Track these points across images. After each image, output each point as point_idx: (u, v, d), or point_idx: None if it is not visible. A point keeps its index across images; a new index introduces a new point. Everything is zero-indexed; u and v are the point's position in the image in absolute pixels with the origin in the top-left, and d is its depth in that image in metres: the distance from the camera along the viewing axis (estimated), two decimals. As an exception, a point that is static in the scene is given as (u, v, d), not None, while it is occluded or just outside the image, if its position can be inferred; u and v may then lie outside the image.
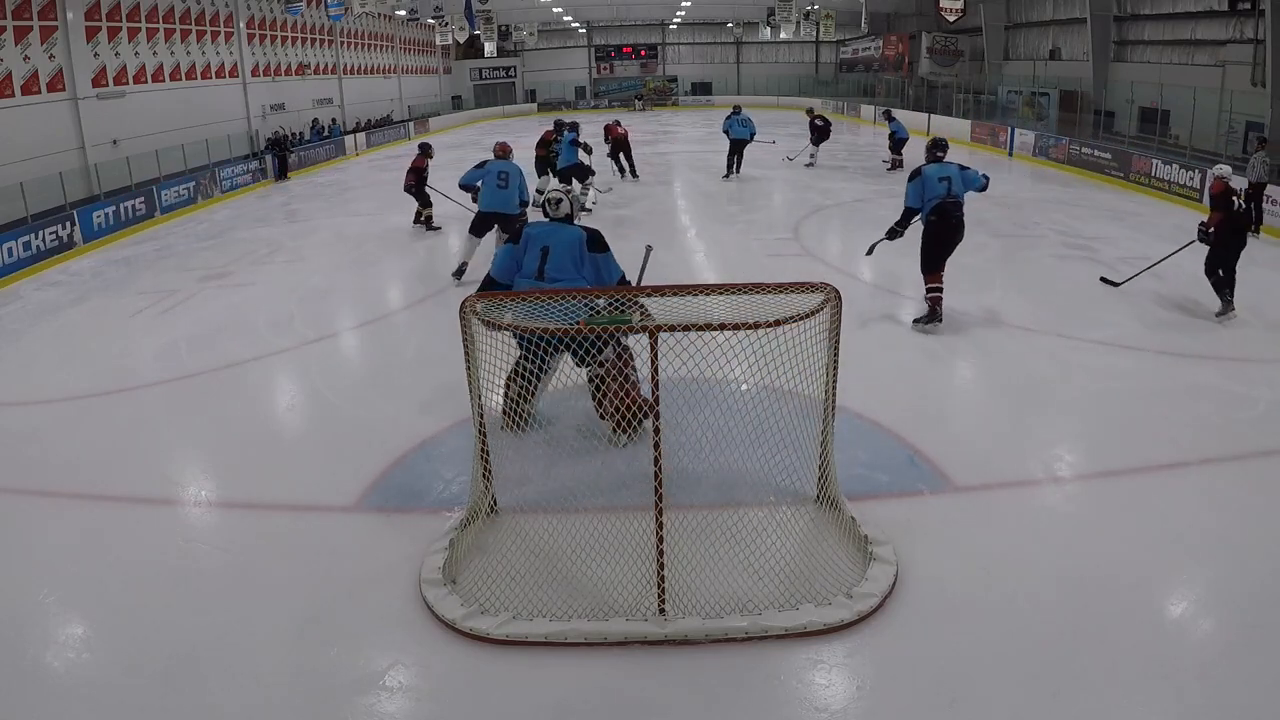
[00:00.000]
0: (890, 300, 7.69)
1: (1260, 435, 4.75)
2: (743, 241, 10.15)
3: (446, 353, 5.90)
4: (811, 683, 3.00)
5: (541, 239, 4.63)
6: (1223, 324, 6.67)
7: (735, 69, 40.66)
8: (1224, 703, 2.83)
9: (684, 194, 13.89)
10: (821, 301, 3.48)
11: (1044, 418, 5.11)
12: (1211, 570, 3.62)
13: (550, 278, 4.53)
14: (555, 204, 4.79)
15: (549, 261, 4.56)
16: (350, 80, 27.05)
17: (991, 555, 3.66)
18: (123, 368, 6.63)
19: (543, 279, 4.54)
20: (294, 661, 3.17)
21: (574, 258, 4.58)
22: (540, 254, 4.57)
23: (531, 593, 3.39)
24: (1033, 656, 3.06)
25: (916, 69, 28.69)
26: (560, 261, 4.55)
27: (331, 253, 10.61)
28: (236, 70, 20.43)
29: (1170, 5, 17.67)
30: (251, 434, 5.27)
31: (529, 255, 4.62)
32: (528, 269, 4.60)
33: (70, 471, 4.78)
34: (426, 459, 4.71)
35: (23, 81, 13.56)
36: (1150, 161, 13.20)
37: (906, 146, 15.58)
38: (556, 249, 4.57)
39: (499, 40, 35.79)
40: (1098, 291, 7.65)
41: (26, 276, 10.37)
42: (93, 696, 3.05)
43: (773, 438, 3.68)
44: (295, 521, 4.18)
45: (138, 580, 3.72)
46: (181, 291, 8.97)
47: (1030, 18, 23.77)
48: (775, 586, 3.36)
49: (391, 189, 15.03)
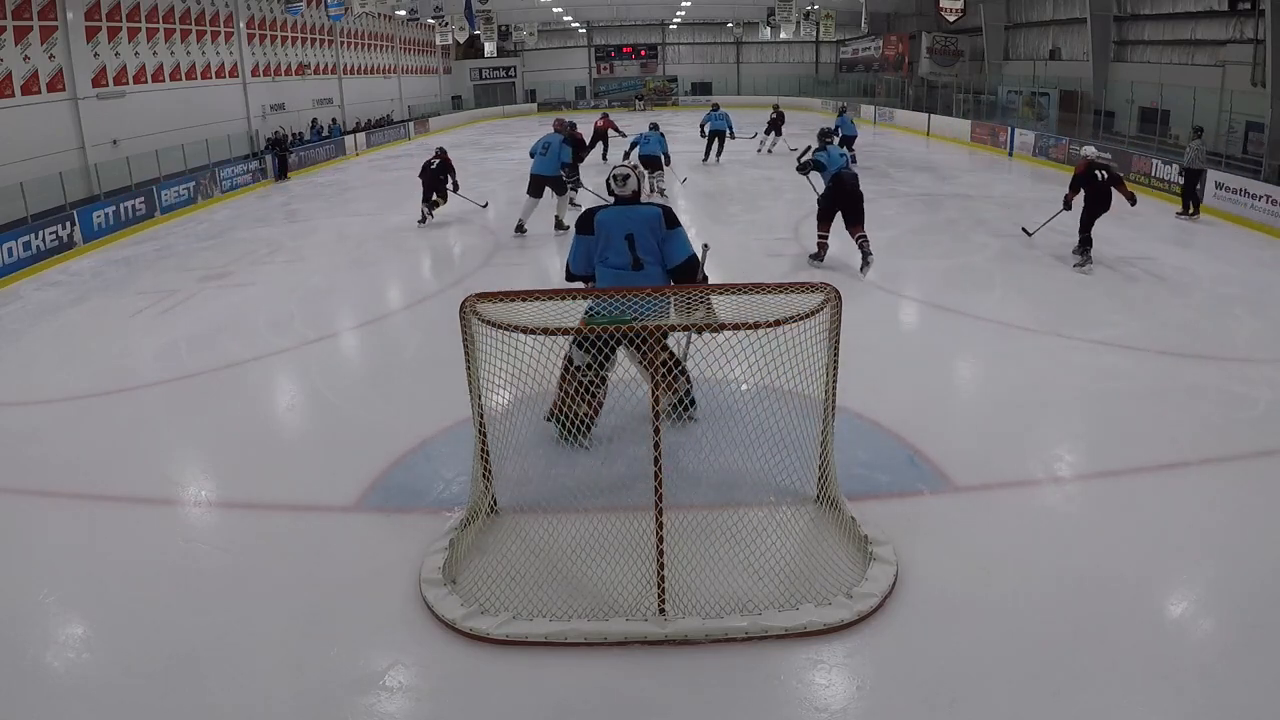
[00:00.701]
0: (890, 300, 7.69)
1: (1260, 435, 4.75)
2: (743, 241, 10.14)
3: (446, 353, 5.89)
4: (811, 683, 3.00)
5: (621, 225, 4.40)
6: (1079, 272, 8.29)
7: (735, 69, 40.64)
8: (1224, 703, 2.83)
9: (683, 194, 13.89)
10: (821, 301, 3.48)
11: (1044, 418, 5.11)
12: (1211, 570, 3.62)
13: (646, 264, 4.38)
14: (622, 180, 4.54)
15: (638, 247, 4.37)
16: (350, 80, 27.04)
17: (991, 555, 3.66)
18: (123, 368, 6.63)
19: (640, 268, 4.37)
20: (294, 661, 3.17)
21: (657, 238, 4.42)
22: (627, 241, 4.37)
23: (531, 593, 3.39)
24: (1033, 656, 3.06)
25: (916, 69, 28.69)
26: (647, 244, 4.38)
27: (331, 253, 10.61)
28: (236, 70, 20.43)
29: (1170, 5, 17.67)
30: (251, 434, 5.27)
31: (613, 246, 4.41)
32: (616, 260, 4.40)
33: (70, 471, 4.78)
34: (426, 459, 4.71)
35: (23, 81, 13.56)
36: (1150, 161, 13.20)
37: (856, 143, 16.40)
38: (640, 233, 4.38)
39: (499, 40, 35.79)
40: (1098, 291, 7.66)
41: (26, 276, 10.37)
42: (93, 696, 3.05)
43: (773, 438, 3.68)
44: (295, 521, 4.18)
45: (138, 580, 3.72)
46: (181, 291, 8.97)
47: (1030, 18, 23.77)
48: (775, 586, 3.35)
49: (392, 189, 15.06)
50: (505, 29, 36.67)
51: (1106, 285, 7.87)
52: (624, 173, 4.58)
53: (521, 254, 9.92)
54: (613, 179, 4.60)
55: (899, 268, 8.87)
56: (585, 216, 4.55)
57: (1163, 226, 10.68)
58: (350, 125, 25.44)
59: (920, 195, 13.16)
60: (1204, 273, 8.29)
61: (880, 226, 10.92)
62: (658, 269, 4.45)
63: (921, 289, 7.96)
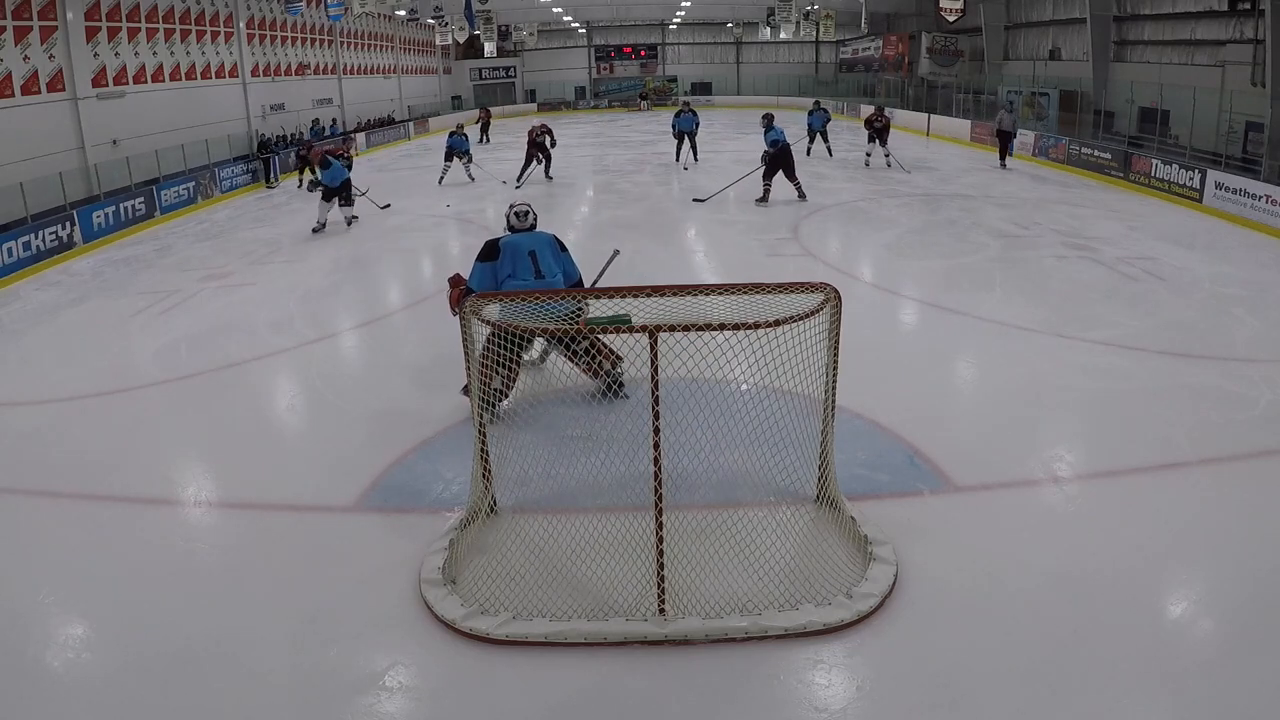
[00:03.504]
0: (890, 300, 7.69)
1: (1260, 435, 4.75)
2: (743, 241, 10.15)
3: (446, 352, 5.91)
4: (811, 683, 3.00)
5: (524, 245, 5.07)
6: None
7: (735, 69, 40.64)
8: (1224, 703, 2.83)
9: (683, 193, 13.89)
10: (821, 301, 3.48)
11: (1044, 418, 5.11)
12: (1211, 570, 3.62)
13: (547, 275, 5.02)
14: (523, 215, 5.26)
15: (540, 262, 5.03)
16: (350, 80, 27.03)
17: (991, 555, 3.66)
18: (123, 368, 6.63)
19: (541, 277, 5.00)
20: (294, 661, 3.17)
21: (555, 256, 5.13)
22: (530, 257, 5.03)
23: (531, 593, 3.39)
24: (1033, 656, 3.06)
25: (916, 69, 28.68)
26: (547, 260, 5.07)
27: (331, 253, 10.60)
28: (236, 70, 20.41)
29: (1170, 5, 17.66)
30: (251, 434, 5.27)
31: (519, 262, 5.01)
32: (522, 273, 5.00)
33: (70, 471, 4.78)
34: (426, 459, 4.71)
35: (23, 81, 13.54)
36: (1150, 161, 13.20)
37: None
38: (541, 251, 5.07)
39: (499, 40, 35.77)
40: (1098, 291, 7.66)
41: (26, 276, 10.37)
42: (93, 696, 3.05)
43: (773, 438, 3.68)
44: (295, 521, 4.18)
45: (138, 580, 3.72)
46: (181, 291, 8.97)
47: (1030, 18, 23.76)
48: (775, 586, 3.35)
49: (391, 189, 15.05)
50: (505, 29, 36.67)
51: (1106, 285, 7.87)
52: (524, 209, 5.29)
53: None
54: (515, 214, 5.24)
55: (899, 268, 8.87)
56: (489, 243, 5.13)
57: (1163, 226, 10.68)
58: (350, 125, 25.44)
59: (920, 195, 13.16)
60: (1204, 273, 8.29)
61: (880, 226, 10.94)
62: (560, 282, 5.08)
63: (921, 289, 7.96)
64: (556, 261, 5.11)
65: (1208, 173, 11.76)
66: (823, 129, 17.55)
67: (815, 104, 19.39)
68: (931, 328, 6.99)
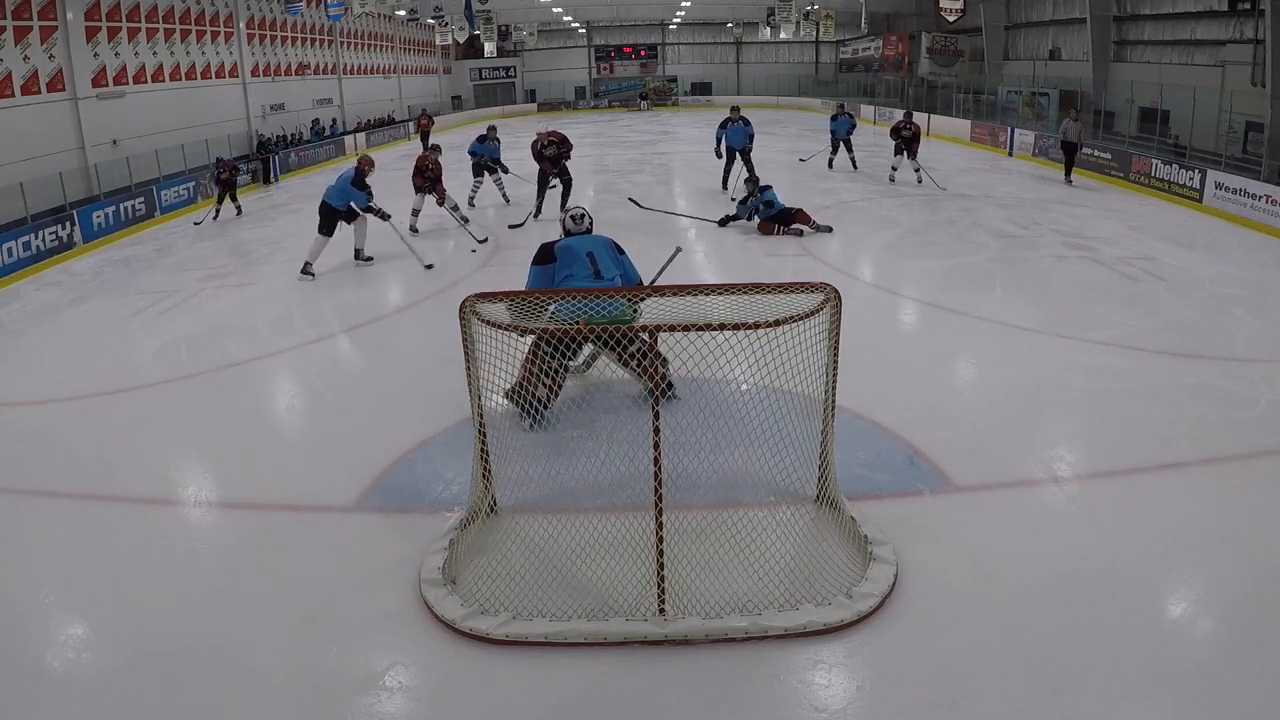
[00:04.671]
0: (890, 300, 7.69)
1: (1260, 435, 4.75)
2: (743, 241, 10.15)
3: (446, 353, 5.90)
4: (811, 683, 3.00)
5: (581, 247, 5.08)
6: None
7: (735, 69, 40.63)
8: (1224, 702, 2.83)
9: (683, 194, 13.89)
10: (821, 301, 3.47)
11: (1044, 418, 5.11)
12: (1211, 570, 3.62)
13: (605, 276, 5.00)
14: (579, 219, 5.36)
15: (599, 263, 5.03)
16: (350, 80, 27.04)
17: (991, 555, 3.66)
18: (123, 368, 6.63)
19: (601, 278, 4.99)
20: (294, 661, 3.17)
21: (613, 258, 5.13)
22: (588, 259, 5.01)
23: (531, 593, 3.39)
24: (1033, 656, 3.06)
25: (916, 69, 28.68)
26: (605, 261, 5.07)
27: (331, 253, 10.57)
28: (236, 70, 20.42)
29: (1170, 5, 17.67)
30: (251, 434, 5.27)
31: (577, 264, 4.99)
32: (581, 275, 4.97)
33: (70, 471, 4.78)
34: (426, 459, 4.71)
35: (23, 81, 13.55)
36: (1150, 161, 13.20)
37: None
38: (599, 252, 5.08)
39: (499, 40, 35.76)
40: (1098, 291, 7.66)
41: (26, 276, 10.37)
42: (93, 696, 3.05)
43: (773, 438, 3.68)
44: (295, 521, 4.18)
45: (138, 580, 3.72)
46: (181, 291, 8.97)
47: (1030, 18, 23.77)
48: (775, 586, 3.35)
49: (391, 189, 15.01)
50: (505, 29, 36.65)
51: (1106, 285, 7.87)
52: (580, 212, 5.42)
53: (523, 254, 9.89)
54: (571, 219, 5.37)
55: (899, 268, 8.87)
56: (544, 247, 5.16)
57: (1163, 226, 10.68)
58: (350, 125, 25.44)
59: (920, 195, 13.15)
60: (1204, 273, 8.29)
61: (880, 226, 10.94)
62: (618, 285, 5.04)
63: (921, 289, 7.96)
64: (615, 263, 5.09)
65: (1208, 173, 11.76)
66: (847, 137, 15.47)
67: (839, 107, 16.68)
68: (931, 328, 6.99)
